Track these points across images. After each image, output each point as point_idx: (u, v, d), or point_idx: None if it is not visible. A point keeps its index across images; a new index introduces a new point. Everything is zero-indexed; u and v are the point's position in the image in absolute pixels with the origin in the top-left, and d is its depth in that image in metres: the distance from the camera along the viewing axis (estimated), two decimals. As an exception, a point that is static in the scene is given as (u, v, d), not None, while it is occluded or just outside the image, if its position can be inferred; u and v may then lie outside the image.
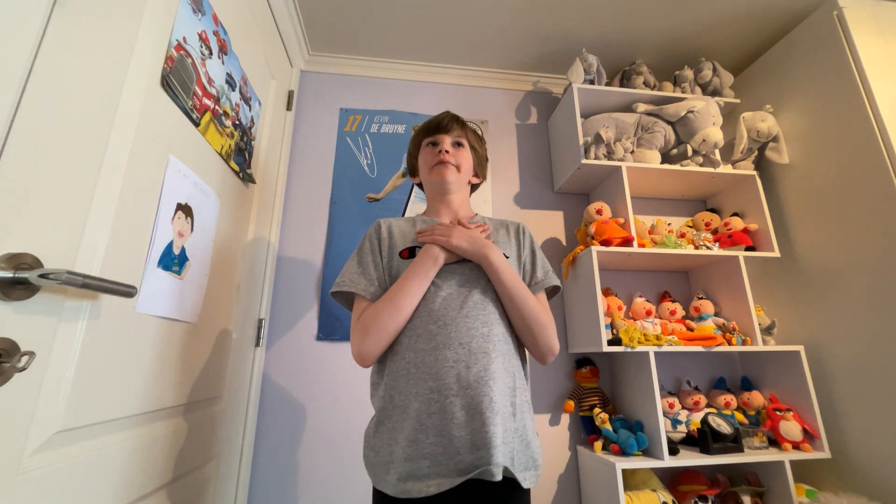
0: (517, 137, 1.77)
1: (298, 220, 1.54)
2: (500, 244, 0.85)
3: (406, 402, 0.70)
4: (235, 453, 1.20)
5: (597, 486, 1.27)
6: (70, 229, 0.58)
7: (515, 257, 0.86)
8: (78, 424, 0.61)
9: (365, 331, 0.73)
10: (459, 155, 0.91)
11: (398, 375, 0.72)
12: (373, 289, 0.78)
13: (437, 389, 0.68)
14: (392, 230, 0.86)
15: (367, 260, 0.82)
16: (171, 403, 0.86)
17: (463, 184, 0.93)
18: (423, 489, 0.65)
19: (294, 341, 1.42)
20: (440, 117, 0.94)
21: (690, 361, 1.53)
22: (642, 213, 1.69)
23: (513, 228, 0.91)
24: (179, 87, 0.81)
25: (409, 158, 1.01)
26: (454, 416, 0.66)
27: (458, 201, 0.93)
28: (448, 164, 0.89)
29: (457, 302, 0.75)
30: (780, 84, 1.55)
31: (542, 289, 0.84)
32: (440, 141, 0.91)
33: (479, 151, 0.97)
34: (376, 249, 0.84)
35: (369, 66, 1.76)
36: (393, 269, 0.80)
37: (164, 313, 0.81)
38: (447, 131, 0.92)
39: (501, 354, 0.73)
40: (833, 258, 1.33)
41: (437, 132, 0.92)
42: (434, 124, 0.93)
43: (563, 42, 1.65)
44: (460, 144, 0.93)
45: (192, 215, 0.90)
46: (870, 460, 1.18)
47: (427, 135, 0.94)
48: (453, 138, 0.92)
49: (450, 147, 0.91)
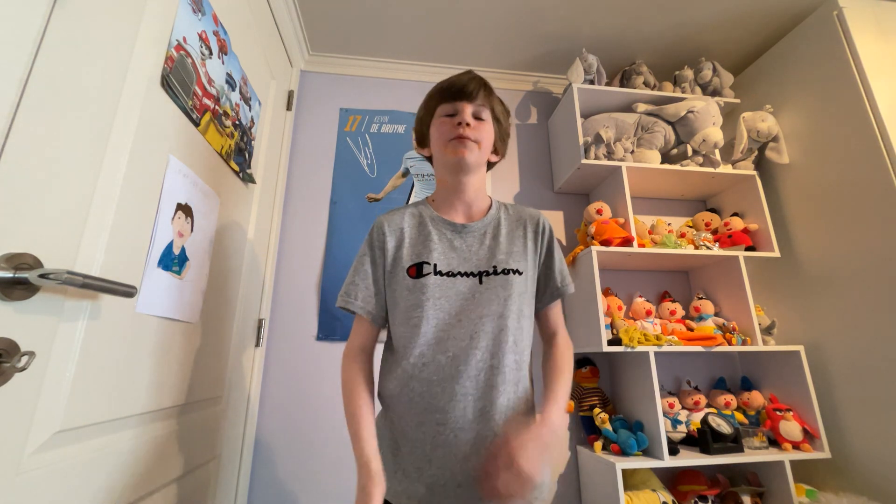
0: (517, 137, 1.77)
1: (298, 221, 1.54)
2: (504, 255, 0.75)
3: (409, 430, 0.68)
4: (235, 453, 1.20)
5: (597, 486, 1.27)
6: (70, 229, 0.58)
7: (524, 264, 0.76)
8: (78, 424, 0.61)
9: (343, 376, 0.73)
10: (481, 129, 0.75)
11: (402, 401, 0.70)
12: (370, 306, 0.74)
13: (443, 422, 0.65)
14: (395, 233, 0.78)
15: (366, 271, 0.76)
16: (171, 403, 0.86)
17: (481, 163, 0.78)
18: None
19: (294, 341, 1.42)
20: (463, 78, 0.76)
21: (690, 361, 1.53)
22: (642, 213, 1.69)
23: (531, 226, 0.80)
24: (179, 87, 0.81)
25: (417, 124, 0.84)
26: (459, 449, 0.65)
27: (474, 186, 0.79)
28: (467, 140, 0.73)
29: (467, 331, 0.69)
30: (780, 84, 1.55)
31: (557, 297, 0.80)
32: (461, 111, 0.75)
33: (502, 125, 0.81)
34: (377, 259, 0.77)
35: (369, 66, 1.76)
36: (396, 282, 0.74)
37: (164, 313, 0.81)
38: (470, 98, 0.75)
39: (513, 384, 0.69)
40: (833, 258, 1.33)
41: (458, 98, 0.75)
42: (456, 88, 0.75)
43: (563, 42, 1.65)
44: (482, 118, 0.77)
45: (192, 215, 0.90)
46: (870, 460, 1.18)
47: (445, 99, 0.77)
48: (475, 108, 0.76)
49: (471, 119, 0.74)
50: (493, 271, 0.73)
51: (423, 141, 0.83)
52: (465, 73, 0.77)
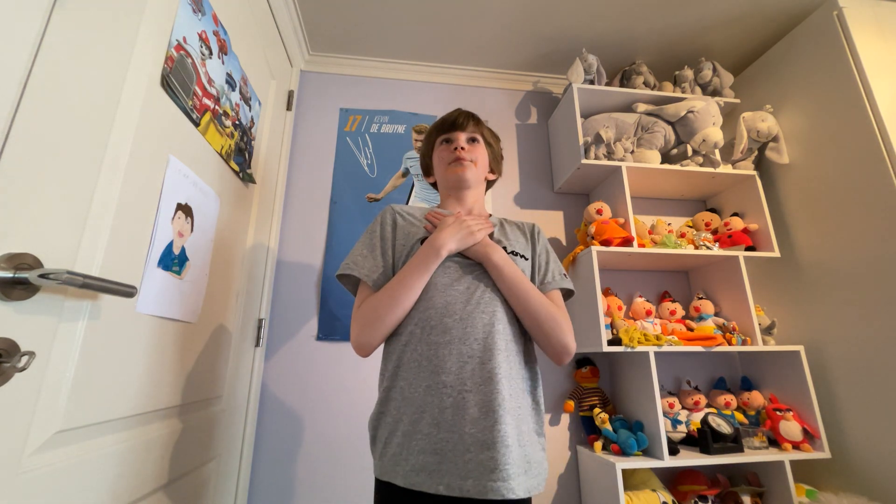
0: (517, 137, 1.77)
1: (298, 220, 1.54)
2: (515, 244, 0.85)
3: (417, 394, 0.69)
4: (235, 453, 1.20)
5: (597, 486, 1.27)
6: (70, 229, 0.58)
7: (528, 255, 0.85)
8: (78, 424, 0.61)
9: (363, 321, 0.74)
10: (475, 151, 0.90)
11: (409, 367, 0.71)
12: (376, 275, 0.78)
13: (450, 384, 0.68)
14: (406, 217, 0.86)
15: (375, 244, 0.81)
16: (171, 403, 0.86)
17: (479, 180, 0.92)
18: (433, 486, 0.64)
19: (294, 341, 1.42)
20: (454, 115, 0.92)
21: (690, 361, 1.53)
22: (642, 213, 1.69)
23: (528, 229, 0.91)
24: (179, 87, 0.81)
25: (422, 158, 1.00)
26: (467, 412, 0.66)
27: (473, 198, 0.91)
28: (464, 160, 0.87)
29: (473, 295, 0.74)
30: (780, 84, 1.55)
31: (555, 288, 0.83)
32: (455, 138, 0.89)
33: (494, 148, 0.96)
34: (388, 236, 0.83)
35: (369, 66, 1.76)
36: (405, 257, 0.79)
37: (164, 313, 0.81)
38: (462, 128, 0.90)
39: (511, 353, 0.73)
40: (833, 258, 1.33)
41: (451, 129, 0.91)
42: (449, 122, 0.91)
43: (563, 42, 1.65)
44: (475, 140, 0.91)
45: (192, 215, 0.90)
46: (870, 460, 1.18)
47: (441, 132, 0.92)
48: (468, 134, 0.91)
49: (465, 143, 0.89)
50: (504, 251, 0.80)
51: (428, 170, 0.98)
52: (455, 111, 0.93)
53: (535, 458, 0.70)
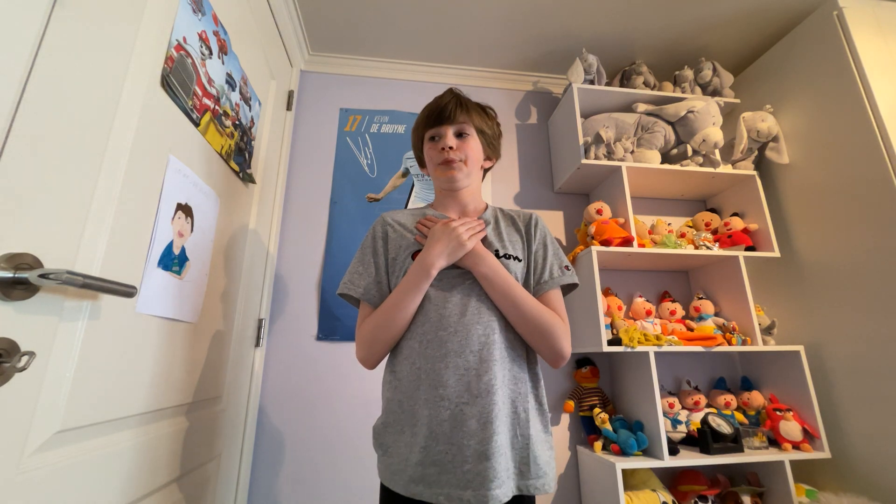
0: (517, 137, 1.77)
1: (298, 220, 1.54)
2: (509, 244, 0.81)
3: (415, 408, 0.70)
4: (235, 453, 1.20)
5: (597, 486, 1.27)
6: (70, 229, 0.58)
7: (523, 254, 0.81)
8: (78, 424, 0.61)
9: (363, 342, 0.76)
10: (465, 147, 0.82)
11: (409, 380, 0.72)
12: (373, 292, 0.78)
13: (447, 397, 0.68)
14: (396, 228, 0.83)
15: (368, 260, 0.81)
16: (171, 403, 0.86)
17: (472, 176, 0.85)
18: (433, 496, 0.65)
19: (294, 341, 1.42)
20: (441, 103, 0.83)
21: (690, 361, 1.53)
22: (642, 213, 1.69)
23: (523, 222, 0.85)
24: (179, 87, 0.81)
25: (414, 150, 0.94)
26: (466, 423, 0.66)
27: (468, 194, 0.86)
28: (453, 162, 0.81)
29: (467, 308, 0.73)
30: (780, 84, 1.55)
31: (553, 287, 0.79)
32: (443, 135, 0.82)
33: (487, 133, 0.87)
34: (380, 250, 0.82)
35: (369, 66, 1.76)
36: (400, 269, 0.78)
37: (164, 313, 0.81)
38: (450, 121, 0.82)
39: (509, 361, 0.72)
40: (833, 258, 1.33)
41: (438, 123, 0.83)
42: (435, 114, 0.83)
43: (563, 42, 1.66)
44: (464, 134, 0.83)
45: (192, 215, 0.90)
46: (870, 460, 1.18)
47: (429, 126, 0.85)
48: (457, 129, 0.83)
49: (453, 142, 0.81)
50: (495, 255, 0.78)
51: (423, 162, 0.92)
52: (444, 95, 0.85)
53: (543, 457, 0.71)
